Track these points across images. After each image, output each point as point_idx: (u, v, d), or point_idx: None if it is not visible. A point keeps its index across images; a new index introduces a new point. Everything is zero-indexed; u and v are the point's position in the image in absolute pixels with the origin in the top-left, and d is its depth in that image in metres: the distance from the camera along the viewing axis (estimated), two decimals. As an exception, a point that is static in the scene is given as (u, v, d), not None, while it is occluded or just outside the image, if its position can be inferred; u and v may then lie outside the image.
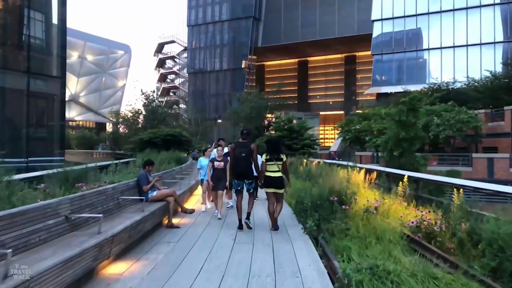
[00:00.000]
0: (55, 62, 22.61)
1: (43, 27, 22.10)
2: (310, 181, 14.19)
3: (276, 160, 7.22)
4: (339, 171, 13.69)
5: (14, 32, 21.23)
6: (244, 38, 67.59)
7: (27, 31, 20.93)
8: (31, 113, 21.04)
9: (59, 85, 22.29)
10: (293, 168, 18.48)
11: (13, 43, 21.02)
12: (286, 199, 11.09)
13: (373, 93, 55.68)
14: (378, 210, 7.84)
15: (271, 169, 7.22)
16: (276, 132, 26.56)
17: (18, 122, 20.84)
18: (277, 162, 7.23)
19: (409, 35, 54.28)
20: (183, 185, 10.83)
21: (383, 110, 26.69)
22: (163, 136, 24.43)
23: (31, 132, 21.09)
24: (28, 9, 21.09)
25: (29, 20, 20.96)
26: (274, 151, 7.29)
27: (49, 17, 22.63)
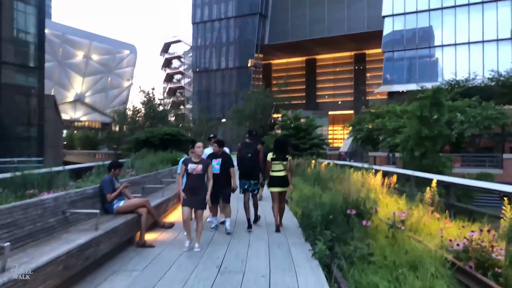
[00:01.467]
0: (32, 51, 20.93)
1: (16, 13, 20.52)
2: (319, 185, 12.55)
3: (282, 160, 7.29)
4: (353, 174, 12.05)
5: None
6: (250, 35, 65.99)
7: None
8: (1, 108, 19.35)
9: (37, 77, 20.67)
10: (301, 170, 16.84)
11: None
12: (291, 208, 9.48)
13: (384, 92, 53.75)
14: (405, 224, 6.21)
15: (276, 168, 7.28)
16: (282, 131, 24.83)
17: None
18: (283, 162, 7.29)
19: (422, 31, 52.27)
20: (168, 190, 9.24)
21: (398, 107, 24.80)
22: (160, 135, 22.89)
23: (2, 130, 19.40)
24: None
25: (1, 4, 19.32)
26: (281, 151, 7.34)
27: (25, 3, 20.95)
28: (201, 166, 5.84)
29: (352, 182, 9.62)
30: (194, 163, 5.86)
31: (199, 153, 5.94)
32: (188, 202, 5.74)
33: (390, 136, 22.42)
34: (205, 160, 6.13)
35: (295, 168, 18.07)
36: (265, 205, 9.72)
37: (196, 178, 5.77)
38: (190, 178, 5.79)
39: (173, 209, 8.95)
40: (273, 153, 7.32)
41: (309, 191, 10.67)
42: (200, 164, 5.87)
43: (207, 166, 5.92)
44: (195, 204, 5.76)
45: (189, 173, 5.79)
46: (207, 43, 71.38)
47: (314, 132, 24.64)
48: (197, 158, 5.93)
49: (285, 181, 7.33)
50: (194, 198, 5.72)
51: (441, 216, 7.13)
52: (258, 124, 36.40)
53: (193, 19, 72.84)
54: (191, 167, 5.82)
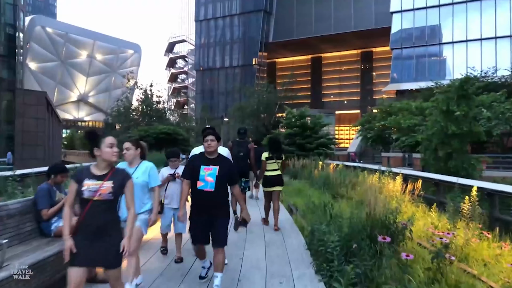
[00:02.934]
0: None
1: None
2: (328, 191, 10.93)
3: (277, 159, 7.19)
4: (367, 177, 10.43)
5: None
6: (255, 33, 64.36)
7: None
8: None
9: (6, 69, 18.96)
10: (307, 172, 15.23)
11: None
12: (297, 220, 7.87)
13: (392, 90, 51.98)
14: (449, 249, 4.61)
15: (271, 167, 7.15)
16: (286, 129, 23.15)
17: None
18: (278, 160, 7.19)
19: (431, 28, 50.47)
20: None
21: (413, 104, 22.95)
22: (156, 134, 21.35)
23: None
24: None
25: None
26: (276, 150, 7.25)
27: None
28: (110, 185, 3.00)
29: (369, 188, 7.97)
30: (96, 178, 3.01)
31: (108, 157, 3.07)
32: (80, 257, 2.91)
33: (404, 135, 20.68)
34: (121, 172, 3.17)
35: (301, 170, 16.47)
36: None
37: (100, 207, 2.97)
38: (87, 209, 2.96)
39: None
40: (268, 153, 7.19)
41: (318, 199, 9.07)
42: (108, 180, 3.02)
43: (122, 184, 3.09)
44: (95, 260, 3.00)
45: (84, 199, 2.96)
46: (210, 41, 69.89)
47: (321, 131, 22.99)
48: (105, 167, 3.08)
49: (280, 180, 7.22)
50: (96, 246, 2.94)
51: (491, 235, 5.49)
52: (261, 122, 34.63)
53: (197, 17, 71.39)
54: (89, 187, 2.96)
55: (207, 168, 4.01)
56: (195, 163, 4.10)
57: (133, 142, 4.10)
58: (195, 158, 4.26)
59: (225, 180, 4.06)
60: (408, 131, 20.50)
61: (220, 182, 3.99)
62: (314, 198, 9.71)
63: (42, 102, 23.75)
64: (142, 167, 4.06)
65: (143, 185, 3.95)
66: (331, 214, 6.45)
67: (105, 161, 3.06)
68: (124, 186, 3.10)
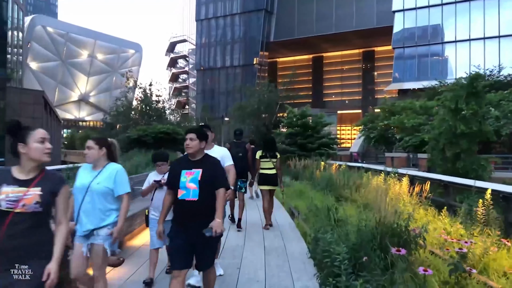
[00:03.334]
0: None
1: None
2: (331, 193, 10.51)
3: (271, 158, 7.25)
4: (372, 179, 10.00)
5: None
6: (256, 32, 63.91)
7: None
8: None
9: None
10: (308, 173, 14.80)
11: None
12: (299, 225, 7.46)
13: (394, 90, 51.53)
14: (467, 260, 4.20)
15: (266, 166, 7.26)
16: (287, 129, 22.71)
17: None
18: (272, 159, 7.26)
19: (434, 27, 50.00)
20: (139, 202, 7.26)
21: (417, 103, 22.46)
22: (154, 133, 20.91)
23: None
24: None
25: None
26: (270, 148, 7.32)
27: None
28: (37, 193, 2.30)
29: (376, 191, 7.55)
30: (18, 184, 2.31)
31: (38, 156, 2.37)
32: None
33: (408, 135, 20.20)
34: (53, 176, 2.45)
35: (302, 171, 16.05)
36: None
37: (23, 223, 2.26)
38: (5, 226, 2.22)
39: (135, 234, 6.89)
40: (262, 151, 7.30)
41: (321, 201, 8.64)
42: (36, 186, 2.33)
43: (54, 191, 2.39)
44: None
45: (2, 211, 2.22)
46: (211, 41, 69.46)
47: (323, 131, 22.52)
48: (32, 170, 2.38)
49: (274, 179, 7.28)
50: (13, 273, 2.21)
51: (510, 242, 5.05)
52: (261, 122, 34.15)
53: (197, 16, 70.97)
54: (8, 195, 2.25)
55: (188, 173, 3.30)
56: (176, 168, 3.43)
57: (96, 141, 3.45)
58: (178, 161, 3.62)
59: (210, 186, 3.28)
60: (412, 130, 20.04)
61: (205, 189, 3.24)
62: (316, 200, 9.30)
63: (39, 101, 23.38)
64: (107, 171, 3.35)
65: (105, 192, 3.26)
66: (335, 218, 6.04)
67: (33, 160, 2.33)
68: (57, 195, 2.37)
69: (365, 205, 8.38)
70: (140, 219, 6.64)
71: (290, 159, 18.04)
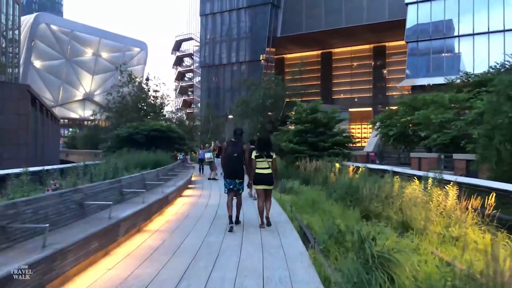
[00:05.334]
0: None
1: None
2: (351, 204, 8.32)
3: (266, 157, 7.25)
4: (404, 187, 7.80)
5: None
6: (262, 27, 61.69)
7: None
8: None
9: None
10: (321, 178, 12.61)
11: None
12: (316, 261, 5.29)
13: (407, 86, 49.07)
14: None
15: (261, 166, 7.27)
16: (296, 126, 20.31)
17: None
18: (267, 159, 7.26)
19: (450, 20, 47.47)
20: (94, 222, 5.16)
21: (446, 95, 19.97)
22: (146, 131, 18.74)
23: None
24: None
25: None
26: (264, 148, 7.30)
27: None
28: None
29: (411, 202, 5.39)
30: None
31: None
32: None
33: (435, 132, 17.81)
34: None
35: (313, 174, 13.88)
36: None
37: None
38: None
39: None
40: (256, 151, 7.33)
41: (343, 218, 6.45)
42: None
43: None
44: None
45: None
46: (216, 36, 67.42)
47: (337, 127, 20.17)
48: None
49: (269, 179, 7.28)
50: None
51: None
52: (267, 118, 31.77)
53: (202, 11, 68.97)
54: None
55: None
56: None
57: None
58: None
59: None
60: (440, 127, 17.67)
61: None
62: (335, 215, 7.13)
63: (24, 96, 21.44)
64: None
65: None
66: (373, 255, 3.89)
67: None
68: None
69: (403, 225, 6.15)
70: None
71: (299, 160, 15.81)
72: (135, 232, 6.36)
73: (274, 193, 11.47)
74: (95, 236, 4.40)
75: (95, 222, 4.82)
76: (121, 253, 5.20)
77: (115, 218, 5.20)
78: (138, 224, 6.29)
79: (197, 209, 9.41)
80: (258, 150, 7.28)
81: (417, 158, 17.21)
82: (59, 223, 4.53)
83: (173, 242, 5.99)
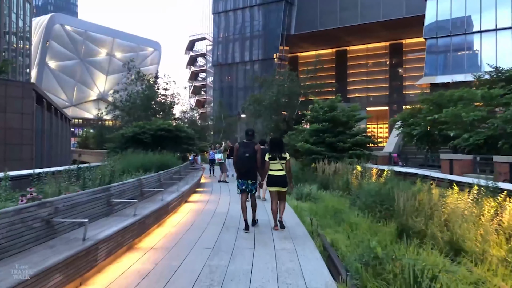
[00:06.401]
0: None
1: None
2: (381, 214, 7.11)
3: (280, 159, 7.20)
4: (448, 196, 6.58)
5: None
6: (275, 25, 60.47)
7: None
8: None
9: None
10: (342, 182, 11.39)
11: None
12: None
13: (426, 84, 47.26)
14: None
15: (274, 168, 7.21)
16: (312, 124, 18.89)
17: None
18: (281, 161, 7.19)
19: (471, 15, 45.53)
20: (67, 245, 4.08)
21: (478, 92, 18.31)
22: (153, 131, 17.64)
23: None
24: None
25: None
26: (277, 149, 7.26)
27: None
28: None
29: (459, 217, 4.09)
30: None
31: None
32: None
33: (467, 131, 16.27)
34: None
35: (332, 178, 12.66)
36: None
37: None
38: None
39: None
40: (269, 153, 7.29)
41: (377, 235, 5.26)
42: None
43: None
44: None
45: None
46: (229, 35, 66.42)
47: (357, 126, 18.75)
48: None
49: (283, 180, 7.20)
50: None
51: None
52: (281, 116, 30.37)
53: (215, 9, 68.06)
54: None
55: None
56: None
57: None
58: None
59: None
60: (472, 126, 16.15)
61: None
62: (364, 230, 5.93)
63: (29, 95, 20.68)
64: None
65: None
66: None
67: None
68: None
69: (452, 245, 4.93)
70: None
71: (317, 161, 14.57)
72: (124, 251, 5.30)
73: (290, 200, 10.34)
74: (60, 265, 3.34)
75: (63, 247, 3.75)
76: (100, 283, 4.13)
77: (92, 239, 4.12)
78: (126, 242, 5.21)
79: (202, 218, 8.34)
80: (271, 152, 7.24)
81: (448, 160, 15.63)
82: (12, 249, 3.47)
83: (168, 265, 4.92)
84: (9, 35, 47.52)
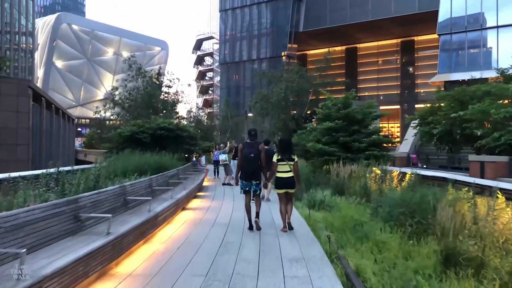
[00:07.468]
0: None
1: None
2: (412, 229, 5.86)
3: (288, 160, 7.09)
4: (499, 209, 5.28)
5: None
6: (284, 22, 59.12)
7: None
8: None
9: None
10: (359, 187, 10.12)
11: None
12: None
13: (439, 82, 45.64)
14: None
15: (282, 169, 7.13)
16: (325, 122, 17.43)
17: None
18: (289, 162, 7.09)
19: (487, 9, 43.88)
20: None
21: (510, 86, 16.64)
22: (152, 130, 16.41)
23: None
24: None
25: None
26: (286, 151, 7.17)
27: None
28: None
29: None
30: None
31: None
32: None
33: (496, 130, 14.81)
34: None
35: (347, 182, 11.40)
36: None
37: None
38: None
39: None
40: (277, 154, 7.22)
41: (418, 264, 4.00)
42: None
43: None
44: None
45: None
46: (236, 32, 65.26)
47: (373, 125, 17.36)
48: None
49: (291, 182, 7.07)
50: None
51: None
52: (290, 115, 29.02)
53: (222, 6, 66.93)
54: None
55: None
56: None
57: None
58: None
59: None
60: (502, 125, 14.67)
61: None
62: (396, 253, 4.66)
63: (24, 92, 19.69)
64: None
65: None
66: None
67: None
68: None
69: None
70: None
71: (330, 163, 13.27)
72: (93, 281, 4.13)
73: (301, 208, 9.15)
74: None
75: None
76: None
77: (33, 276, 2.95)
78: (94, 270, 4.03)
79: (199, 231, 7.15)
80: (280, 153, 7.14)
81: (478, 162, 14.07)
82: None
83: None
84: (11, 33, 46.83)
